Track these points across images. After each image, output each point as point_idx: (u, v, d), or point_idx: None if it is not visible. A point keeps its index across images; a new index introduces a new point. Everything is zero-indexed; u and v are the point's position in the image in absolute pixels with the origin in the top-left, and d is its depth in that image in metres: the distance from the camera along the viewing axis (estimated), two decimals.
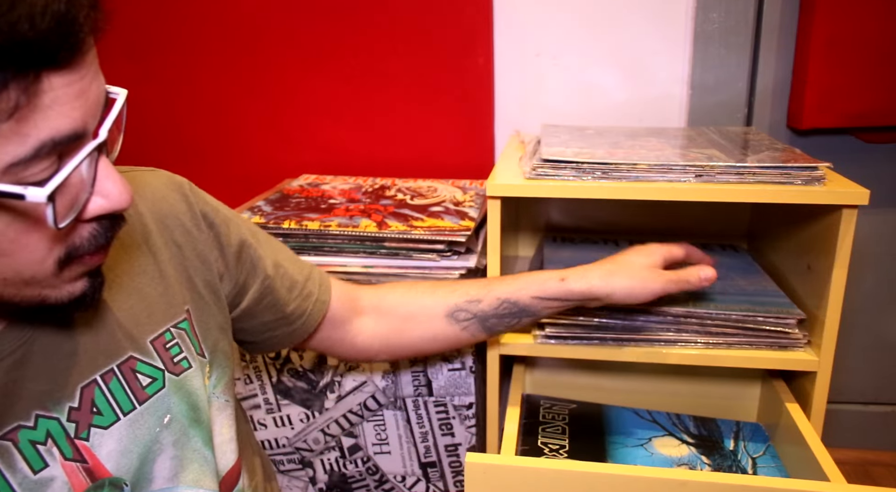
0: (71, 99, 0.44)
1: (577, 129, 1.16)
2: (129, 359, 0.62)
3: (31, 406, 0.55)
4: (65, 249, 0.49)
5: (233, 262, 0.74)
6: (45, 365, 0.56)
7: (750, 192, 0.85)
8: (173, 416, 0.64)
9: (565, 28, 1.28)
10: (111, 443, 0.60)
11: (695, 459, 0.88)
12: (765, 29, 1.26)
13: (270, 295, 0.77)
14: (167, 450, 0.64)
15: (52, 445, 0.56)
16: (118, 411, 0.60)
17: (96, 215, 0.49)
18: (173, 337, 0.66)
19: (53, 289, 0.50)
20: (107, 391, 0.60)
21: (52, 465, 0.56)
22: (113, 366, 0.61)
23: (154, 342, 0.64)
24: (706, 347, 0.91)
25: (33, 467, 0.55)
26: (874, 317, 1.41)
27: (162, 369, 0.64)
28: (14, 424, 0.54)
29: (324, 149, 1.40)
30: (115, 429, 0.60)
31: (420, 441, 1.06)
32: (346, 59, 1.33)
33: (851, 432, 1.49)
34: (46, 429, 0.56)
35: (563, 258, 1.10)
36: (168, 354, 0.65)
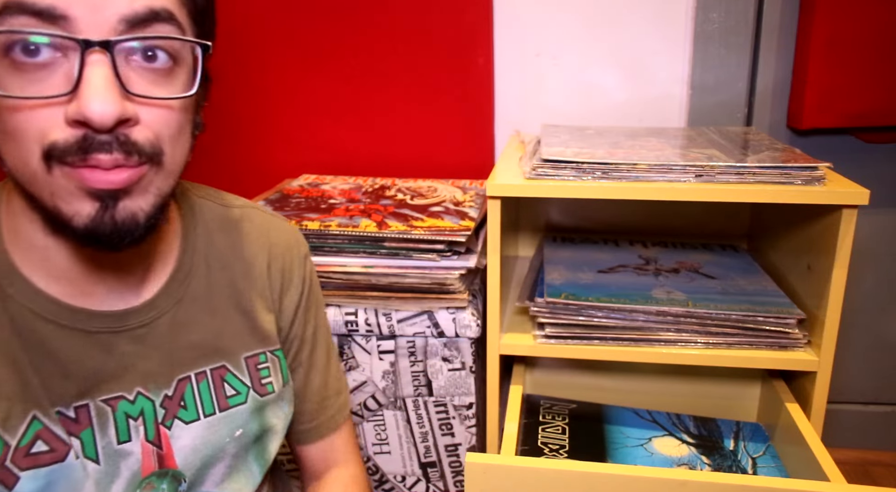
0: None
1: (577, 129, 1.16)
2: (222, 367, 0.66)
3: (136, 382, 0.60)
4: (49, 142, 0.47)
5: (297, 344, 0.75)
6: (160, 349, 0.61)
7: (750, 192, 0.85)
8: (245, 432, 0.67)
9: (565, 28, 1.28)
10: (187, 438, 0.63)
11: (695, 459, 0.88)
12: (765, 29, 1.26)
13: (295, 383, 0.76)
14: (226, 459, 0.66)
15: (141, 423, 0.60)
16: (200, 411, 0.64)
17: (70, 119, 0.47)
18: (267, 360, 0.69)
19: (61, 199, 0.49)
20: (196, 390, 0.64)
21: (135, 440, 0.60)
22: (207, 369, 0.65)
23: (248, 359, 0.68)
24: (706, 347, 0.91)
25: (119, 437, 0.59)
26: (874, 317, 1.41)
27: (248, 386, 0.67)
28: (118, 393, 0.59)
29: (324, 149, 1.40)
30: (193, 427, 0.63)
31: (420, 441, 1.06)
32: (346, 59, 1.33)
33: (851, 432, 1.49)
34: (142, 407, 0.60)
35: (563, 258, 1.10)
36: (258, 373, 0.68)
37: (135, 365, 0.60)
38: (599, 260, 1.10)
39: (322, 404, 0.77)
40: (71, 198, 0.49)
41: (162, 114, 0.50)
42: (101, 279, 0.58)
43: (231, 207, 0.71)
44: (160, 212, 0.53)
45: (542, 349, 0.93)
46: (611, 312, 0.93)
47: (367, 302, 1.01)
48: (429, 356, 1.03)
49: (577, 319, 0.93)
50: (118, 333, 0.59)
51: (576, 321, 0.93)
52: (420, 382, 1.04)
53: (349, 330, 1.03)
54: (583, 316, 0.93)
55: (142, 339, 0.60)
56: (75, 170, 0.48)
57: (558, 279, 1.01)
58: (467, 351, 1.03)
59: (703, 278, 1.03)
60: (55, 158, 0.47)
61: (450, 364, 1.03)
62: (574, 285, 0.98)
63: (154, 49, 0.49)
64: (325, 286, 1.01)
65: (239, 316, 0.68)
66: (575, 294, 0.95)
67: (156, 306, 0.61)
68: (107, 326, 0.58)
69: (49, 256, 0.55)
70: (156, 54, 0.49)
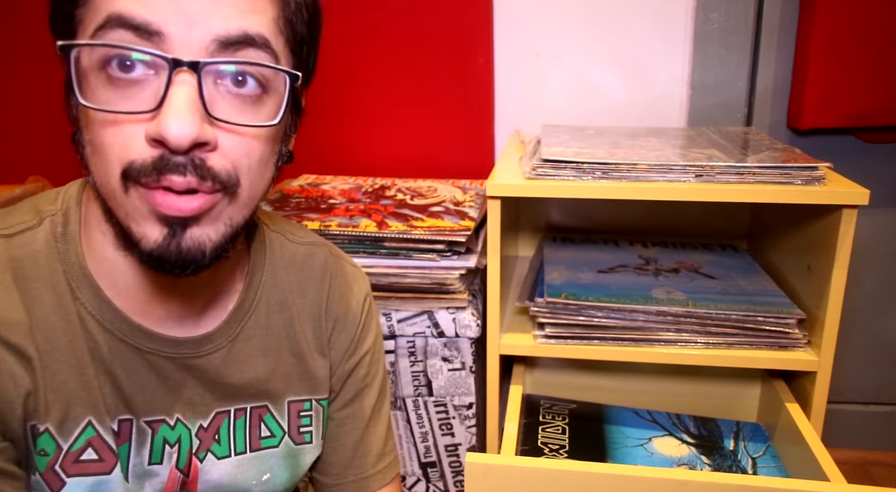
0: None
1: (577, 129, 1.16)
2: (263, 407, 0.64)
3: (178, 409, 0.59)
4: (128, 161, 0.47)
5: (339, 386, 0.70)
6: (207, 381, 0.60)
7: (750, 192, 0.85)
8: (273, 476, 0.66)
9: (565, 28, 1.28)
10: (216, 474, 0.62)
11: (695, 459, 0.88)
12: (765, 29, 1.26)
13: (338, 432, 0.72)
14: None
15: (176, 450, 0.60)
16: (232, 448, 0.63)
17: (150, 136, 0.46)
18: (311, 408, 0.67)
19: (133, 221, 0.49)
20: (231, 426, 0.63)
21: (165, 465, 0.59)
22: (248, 406, 0.63)
23: (292, 404, 0.66)
24: (706, 347, 0.91)
25: (152, 459, 0.59)
26: (874, 317, 1.41)
27: (285, 431, 0.66)
28: (161, 416, 0.58)
29: (324, 149, 1.40)
30: (224, 463, 0.62)
31: (420, 441, 1.06)
32: (345, 59, 1.33)
33: (851, 432, 1.49)
34: (179, 434, 0.60)
35: (563, 258, 1.10)
36: (298, 420, 0.67)
37: (180, 392, 0.59)
38: (599, 260, 1.10)
39: (353, 460, 0.71)
40: (142, 220, 0.48)
41: (243, 142, 0.49)
42: (162, 302, 0.57)
43: (299, 242, 0.69)
44: (229, 242, 0.51)
45: (542, 349, 0.93)
46: (611, 312, 0.93)
47: None
48: (429, 356, 1.03)
49: (577, 319, 0.93)
50: (170, 358, 0.58)
51: (576, 321, 0.93)
52: (420, 382, 1.04)
53: None
54: (583, 316, 0.93)
55: (192, 369, 0.59)
56: (149, 192, 0.47)
57: (558, 279, 1.01)
58: (467, 351, 1.03)
59: (703, 278, 1.03)
60: (132, 178, 0.47)
61: (450, 364, 1.03)
62: (574, 285, 0.98)
63: (244, 74, 0.48)
64: None
65: (292, 358, 0.66)
66: (575, 294, 0.95)
67: (212, 341, 0.60)
68: (161, 350, 0.57)
69: (117, 270, 0.55)
70: (245, 80, 0.48)
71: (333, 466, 0.71)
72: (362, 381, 0.71)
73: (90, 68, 0.47)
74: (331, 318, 0.68)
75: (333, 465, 0.71)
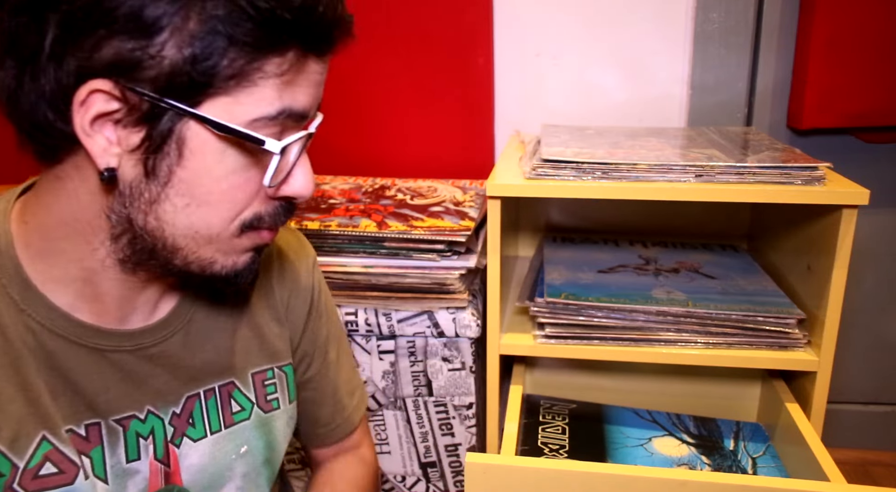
0: (313, 85, 0.52)
1: (577, 129, 1.16)
2: (230, 383, 0.66)
3: (147, 401, 0.60)
4: (252, 214, 0.54)
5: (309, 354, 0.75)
6: (170, 368, 0.61)
7: (750, 192, 0.85)
8: (250, 448, 0.67)
9: (565, 28, 1.28)
10: (195, 456, 0.63)
11: (695, 459, 0.88)
12: (765, 29, 1.26)
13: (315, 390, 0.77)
14: (236, 479, 0.67)
15: (151, 442, 0.60)
16: (207, 429, 0.64)
17: (284, 196, 0.55)
18: (273, 376, 0.69)
19: (224, 254, 0.55)
20: (204, 407, 0.64)
21: (143, 459, 0.60)
22: (215, 385, 0.65)
23: (255, 375, 0.68)
24: (706, 347, 0.91)
25: (129, 456, 0.59)
26: (874, 317, 1.41)
27: (253, 403, 0.67)
28: (130, 413, 0.59)
29: (324, 149, 1.40)
30: (201, 444, 0.63)
31: (420, 441, 1.06)
32: (346, 59, 1.33)
33: (851, 432, 1.49)
34: (152, 426, 0.60)
35: (563, 258, 1.10)
36: (263, 390, 0.68)
37: (147, 383, 0.60)
38: (599, 260, 1.10)
39: (336, 407, 0.78)
40: (234, 253, 0.55)
41: None
42: (128, 301, 0.58)
43: None
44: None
45: (542, 349, 0.93)
46: (611, 312, 0.93)
47: (367, 302, 1.01)
48: (429, 356, 1.03)
49: (577, 319, 0.93)
50: (131, 352, 0.58)
51: (576, 321, 0.93)
52: (420, 382, 1.04)
53: (349, 330, 1.03)
54: (583, 316, 0.93)
55: (154, 358, 0.60)
56: (265, 232, 0.56)
57: (558, 279, 1.01)
58: (467, 351, 1.03)
59: (703, 278, 1.03)
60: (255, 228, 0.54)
61: (450, 364, 1.03)
62: (574, 285, 0.98)
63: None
64: None
65: (248, 331, 0.67)
66: (575, 294, 0.95)
67: (168, 325, 0.61)
68: (120, 345, 0.58)
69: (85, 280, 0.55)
70: None
71: (321, 417, 0.77)
72: (326, 339, 0.76)
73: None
74: (284, 288, 0.71)
75: (321, 417, 0.77)
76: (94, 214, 0.52)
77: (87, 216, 0.52)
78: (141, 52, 0.45)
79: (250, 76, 0.48)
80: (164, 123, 0.48)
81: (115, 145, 0.48)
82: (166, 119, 0.48)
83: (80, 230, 0.53)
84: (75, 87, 0.46)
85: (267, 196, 0.54)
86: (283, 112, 0.50)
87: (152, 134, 0.48)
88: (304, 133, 0.53)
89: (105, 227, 0.52)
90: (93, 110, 0.47)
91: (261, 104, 0.49)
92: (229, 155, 0.50)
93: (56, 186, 0.52)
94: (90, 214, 0.52)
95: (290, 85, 0.50)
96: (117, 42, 0.45)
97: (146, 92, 0.46)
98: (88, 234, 0.53)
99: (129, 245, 0.53)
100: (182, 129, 0.48)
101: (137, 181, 0.50)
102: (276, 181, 0.53)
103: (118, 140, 0.48)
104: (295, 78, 0.50)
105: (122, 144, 0.49)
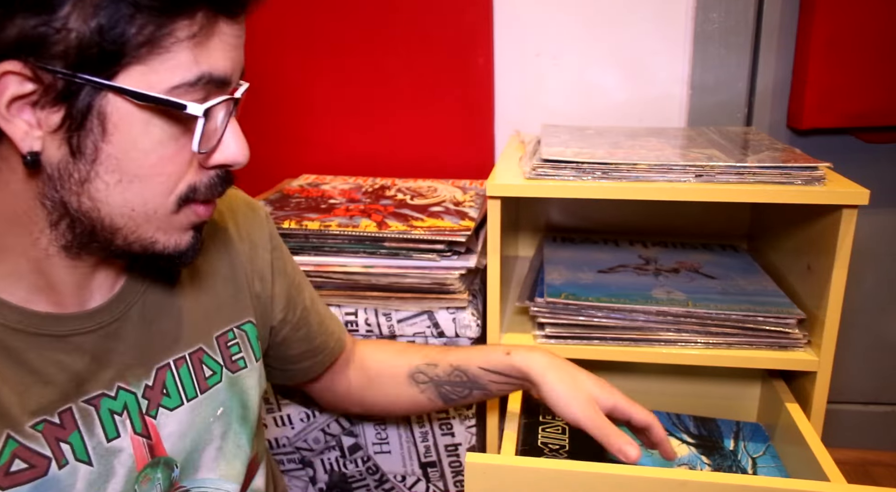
0: (230, 48, 0.52)
1: (577, 129, 1.16)
2: (199, 350, 0.67)
3: (116, 378, 0.60)
4: (186, 187, 0.54)
5: (283, 289, 0.77)
6: (133, 342, 0.61)
7: (750, 192, 0.85)
8: (225, 409, 0.69)
9: (565, 28, 1.28)
10: (173, 424, 0.64)
11: (695, 459, 0.88)
12: (765, 29, 1.26)
13: (305, 327, 0.81)
14: (215, 441, 0.68)
15: (127, 417, 0.61)
16: (183, 396, 0.65)
17: (217, 164, 0.55)
18: (235, 337, 0.71)
19: (165, 233, 0.55)
20: (177, 376, 0.65)
21: (123, 436, 0.60)
22: (185, 354, 0.66)
23: (218, 338, 0.69)
24: (706, 348, 0.91)
25: (108, 435, 0.59)
26: (874, 317, 1.41)
27: (221, 365, 0.69)
28: (99, 391, 0.59)
29: (324, 149, 1.40)
30: (178, 412, 0.64)
31: (420, 441, 1.06)
32: (345, 59, 1.33)
33: (851, 432, 1.49)
34: (125, 401, 0.60)
35: (563, 258, 1.10)
36: (228, 351, 0.70)
37: (111, 361, 0.60)
38: (599, 260, 1.10)
39: (326, 333, 0.83)
40: (174, 231, 0.55)
41: None
42: (83, 286, 0.58)
43: None
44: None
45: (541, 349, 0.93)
46: (611, 312, 0.93)
47: (367, 302, 1.01)
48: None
49: (577, 319, 0.93)
50: (90, 332, 0.58)
51: (576, 321, 0.93)
52: None
53: (349, 330, 1.03)
54: (583, 316, 0.93)
55: (114, 334, 0.60)
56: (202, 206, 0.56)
57: (558, 279, 1.01)
58: None
59: (703, 278, 1.03)
60: (191, 200, 0.54)
61: None
62: (574, 285, 0.98)
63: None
64: (325, 286, 1.01)
65: (206, 296, 0.68)
66: (575, 294, 0.95)
67: (123, 299, 0.61)
68: (80, 327, 0.58)
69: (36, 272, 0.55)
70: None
71: (314, 348, 0.82)
72: (298, 282, 0.80)
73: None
74: (244, 244, 0.73)
75: (315, 348, 0.82)
76: (29, 203, 0.52)
77: (23, 207, 0.52)
78: (46, 28, 0.45)
79: (162, 42, 0.47)
80: (83, 99, 0.47)
81: (36, 128, 0.48)
82: (84, 95, 0.47)
83: (19, 222, 0.53)
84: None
85: (200, 166, 0.54)
86: (203, 77, 0.50)
87: (72, 112, 0.48)
88: (226, 96, 0.53)
89: (42, 215, 0.52)
90: (7, 94, 0.46)
91: (178, 71, 0.49)
92: (154, 125, 0.50)
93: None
94: (25, 204, 0.52)
95: (204, 49, 0.50)
96: (20, 20, 0.45)
97: (58, 69, 0.46)
98: (28, 224, 0.53)
99: (69, 230, 0.53)
100: (101, 103, 0.48)
101: (65, 162, 0.50)
102: (205, 147, 0.53)
103: (38, 122, 0.48)
104: (208, 41, 0.50)
105: (43, 125, 0.48)
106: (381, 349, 0.90)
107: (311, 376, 0.86)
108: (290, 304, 0.79)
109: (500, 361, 0.80)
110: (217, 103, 0.52)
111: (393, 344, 0.91)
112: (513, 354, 0.80)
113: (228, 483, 0.69)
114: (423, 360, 0.85)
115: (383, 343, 0.92)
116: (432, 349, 0.87)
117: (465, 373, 0.82)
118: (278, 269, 0.77)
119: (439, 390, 0.84)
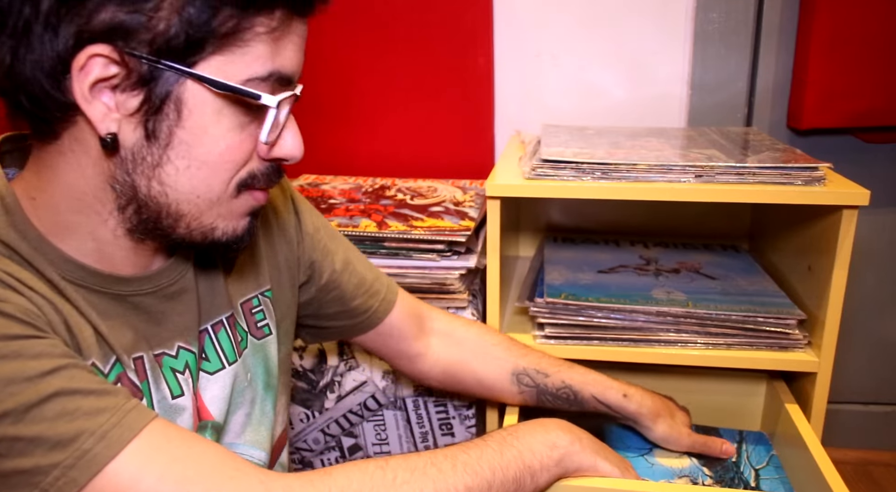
0: (297, 48, 0.54)
1: (577, 129, 1.16)
2: (232, 315, 0.68)
3: (175, 337, 0.61)
4: (246, 173, 0.56)
5: (308, 249, 0.78)
6: (186, 304, 0.63)
7: (750, 192, 0.85)
8: (254, 375, 0.70)
9: (565, 28, 1.28)
10: (215, 389, 0.65)
11: (696, 470, 0.87)
12: (765, 29, 1.26)
13: (337, 289, 0.80)
14: (244, 406, 0.69)
15: (189, 375, 0.62)
16: (224, 361, 0.66)
17: (276, 157, 0.57)
18: (259, 303, 0.72)
19: (225, 220, 0.57)
20: (215, 340, 0.66)
21: (187, 394, 0.61)
22: (222, 318, 0.67)
23: (243, 305, 0.70)
24: (706, 348, 0.91)
25: (173, 392, 0.60)
26: (874, 317, 1.41)
27: (246, 331, 0.70)
28: (161, 350, 0.60)
29: (324, 149, 1.40)
30: (219, 376, 0.65)
31: (420, 441, 1.06)
32: (345, 59, 1.33)
33: (851, 432, 1.49)
34: (186, 360, 0.62)
35: (563, 258, 1.10)
36: (253, 318, 0.71)
37: (171, 321, 0.61)
38: (600, 260, 1.10)
39: (365, 295, 0.81)
40: (233, 218, 0.57)
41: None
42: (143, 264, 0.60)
43: None
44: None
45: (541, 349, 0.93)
46: (611, 313, 0.92)
47: None
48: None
49: (577, 319, 0.93)
50: (152, 293, 0.60)
51: (576, 322, 0.93)
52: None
53: None
54: (583, 316, 0.93)
55: (174, 296, 0.62)
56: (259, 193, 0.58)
57: (558, 279, 1.00)
58: None
59: (703, 279, 1.03)
60: (249, 186, 0.56)
61: None
62: (574, 286, 0.98)
63: None
64: None
65: (244, 258, 0.70)
66: (575, 294, 0.95)
67: (182, 262, 0.63)
68: (140, 289, 0.59)
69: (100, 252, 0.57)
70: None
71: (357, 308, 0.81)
72: (321, 251, 0.79)
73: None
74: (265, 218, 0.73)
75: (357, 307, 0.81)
76: (100, 185, 0.53)
77: (93, 188, 0.53)
78: (138, 16, 0.47)
79: (242, 35, 0.50)
80: (162, 84, 0.49)
81: (115, 111, 0.50)
82: (163, 81, 0.49)
83: (89, 203, 0.54)
84: (74, 53, 0.47)
85: (259, 157, 0.56)
86: (274, 74, 0.52)
87: (151, 96, 0.49)
88: (292, 92, 0.55)
89: (111, 197, 0.54)
90: (92, 75, 0.48)
91: (253, 64, 0.51)
92: (225, 114, 0.52)
93: (58, 160, 0.53)
94: (95, 186, 0.53)
95: (278, 46, 0.52)
96: (113, 7, 0.47)
97: (143, 55, 0.48)
98: (97, 205, 0.54)
99: (136, 214, 0.55)
100: (180, 89, 0.50)
101: (139, 146, 0.51)
102: (271, 138, 0.55)
103: (116, 105, 0.50)
104: (282, 38, 0.52)
105: (121, 108, 0.50)
106: (485, 335, 0.89)
107: (358, 334, 0.84)
108: (316, 266, 0.79)
109: (616, 401, 0.84)
110: (286, 98, 0.54)
111: (494, 333, 0.90)
112: (629, 399, 0.84)
113: (255, 450, 0.70)
114: (533, 365, 0.85)
115: (486, 329, 0.91)
116: (543, 358, 0.87)
117: (576, 395, 0.84)
118: (305, 231, 0.78)
119: (540, 397, 0.85)
